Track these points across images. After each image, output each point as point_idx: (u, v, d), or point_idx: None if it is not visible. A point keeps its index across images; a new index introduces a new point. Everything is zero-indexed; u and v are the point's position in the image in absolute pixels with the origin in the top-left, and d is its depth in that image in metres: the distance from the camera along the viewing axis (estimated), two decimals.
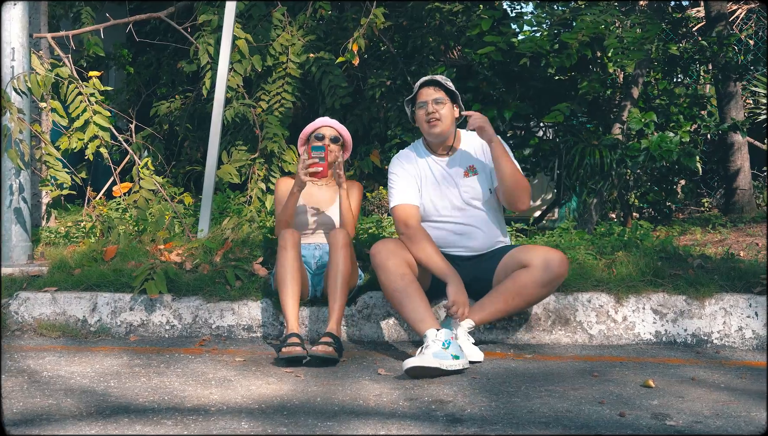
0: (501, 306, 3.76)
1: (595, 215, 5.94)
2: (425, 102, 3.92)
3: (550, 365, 3.65)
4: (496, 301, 3.75)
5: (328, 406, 2.95)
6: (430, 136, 3.97)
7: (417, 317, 3.61)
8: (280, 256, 3.85)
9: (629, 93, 6.02)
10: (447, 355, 3.41)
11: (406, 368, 3.35)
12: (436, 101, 3.91)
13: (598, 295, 4.14)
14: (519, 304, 3.77)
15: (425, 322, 3.57)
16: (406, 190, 3.97)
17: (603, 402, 3.02)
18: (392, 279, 3.69)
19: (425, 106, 3.92)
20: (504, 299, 3.74)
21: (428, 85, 3.96)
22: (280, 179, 4.36)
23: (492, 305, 3.76)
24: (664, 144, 5.59)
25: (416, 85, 4.00)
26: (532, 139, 6.18)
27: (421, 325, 3.57)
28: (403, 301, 3.65)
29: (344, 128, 4.28)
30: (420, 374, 3.37)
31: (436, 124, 3.91)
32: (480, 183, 3.99)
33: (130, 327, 4.22)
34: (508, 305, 3.76)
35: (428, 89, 3.95)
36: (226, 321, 4.20)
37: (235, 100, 5.92)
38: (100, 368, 3.49)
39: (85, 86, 4.86)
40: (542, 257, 3.72)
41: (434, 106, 3.90)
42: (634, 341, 4.08)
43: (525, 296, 3.75)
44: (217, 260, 4.54)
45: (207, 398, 3.04)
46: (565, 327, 4.10)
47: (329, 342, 3.65)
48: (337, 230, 3.92)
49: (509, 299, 3.74)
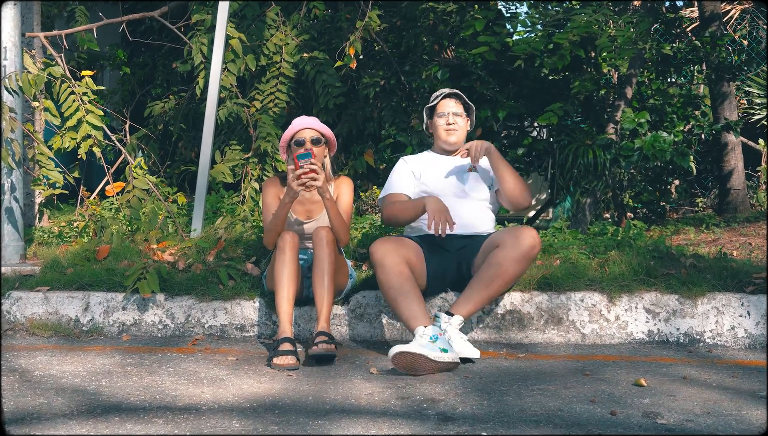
0: (484, 293, 3.79)
1: (588, 215, 5.95)
2: (446, 113, 4.18)
3: (543, 364, 3.66)
4: (477, 288, 3.79)
5: (319, 405, 2.95)
6: (446, 144, 4.21)
7: (410, 314, 3.63)
8: (278, 258, 3.82)
9: (623, 93, 6.04)
10: (434, 347, 3.43)
11: (392, 355, 3.38)
12: (455, 114, 4.19)
13: (590, 294, 4.15)
14: (500, 285, 3.79)
15: (418, 319, 3.60)
16: (397, 183, 4.18)
17: (594, 401, 3.02)
18: (389, 277, 3.72)
19: (446, 117, 4.18)
20: (484, 284, 3.78)
21: (450, 97, 4.22)
22: (267, 181, 4.21)
23: (475, 293, 3.79)
24: (658, 144, 5.59)
25: (438, 95, 4.24)
26: (526, 138, 6.18)
27: (413, 322, 3.60)
28: (398, 298, 3.68)
29: (324, 126, 4.11)
30: (407, 363, 3.38)
31: (452, 134, 4.19)
32: (481, 180, 4.19)
33: (123, 327, 4.21)
34: (489, 289, 3.79)
35: (450, 101, 4.22)
36: (218, 321, 4.19)
37: (229, 99, 5.91)
38: (92, 368, 3.48)
39: (77, 85, 4.85)
40: (512, 233, 3.82)
41: (454, 117, 4.18)
42: (626, 340, 4.08)
43: (503, 276, 3.77)
44: (210, 259, 4.53)
45: (199, 397, 3.04)
46: (558, 326, 4.11)
47: (326, 340, 3.63)
48: (320, 229, 3.89)
49: (489, 284, 3.78)
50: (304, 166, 3.76)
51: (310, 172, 3.77)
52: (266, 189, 4.17)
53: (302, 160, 3.78)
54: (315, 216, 4.14)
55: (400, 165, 4.27)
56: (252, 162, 5.76)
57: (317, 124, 4.09)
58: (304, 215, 4.15)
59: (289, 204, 3.91)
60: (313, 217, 4.14)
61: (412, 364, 3.40)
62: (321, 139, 4.06)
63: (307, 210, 4.15)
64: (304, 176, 3.77)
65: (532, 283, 4.21)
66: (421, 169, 4.21)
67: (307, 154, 3.81)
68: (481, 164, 4.19)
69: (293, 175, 3.79)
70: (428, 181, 4.16)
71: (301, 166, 3.77)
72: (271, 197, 4.13)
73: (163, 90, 8.19)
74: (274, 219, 3.96)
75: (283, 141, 4.09)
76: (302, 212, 4.14)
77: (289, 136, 4.06)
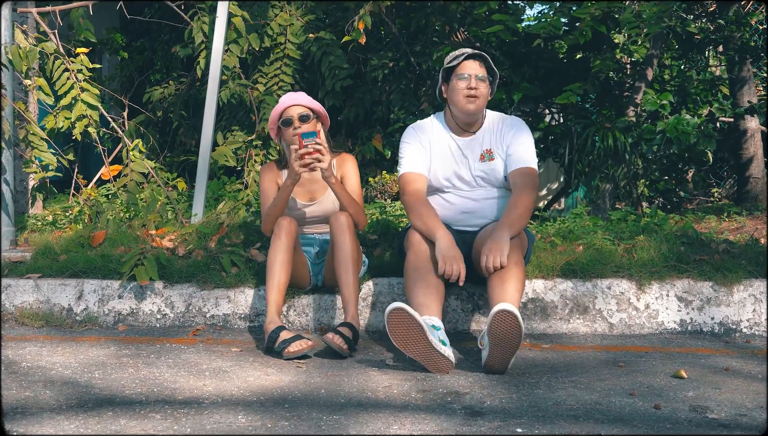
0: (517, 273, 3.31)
1: (608, 201, 5.68)
2: (468, 75, 3.62)
3: (571, 355, 3.39)
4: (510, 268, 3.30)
5: (333, 398, 2.69)
6: (463, 113, 3.66)
7: (423, 301, 3.25)
8: (273, 244, 3.55)
9: (643, 74, 5.76)
10: (435, 334, 3.08)
11: (390, 309, 2.99)
12: (479, 78, 3.63)
13: (618, 281, 3.88)
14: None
15: (429, 308, 3.23)
16: (415, 158, 3.70)
17: (634, 394, 2.76)
18: (419, 259, 3.37)
19: (467, 80, 3.61)
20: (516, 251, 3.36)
21: (474, 58, 3.67)
22: (264, 167, 3.93)
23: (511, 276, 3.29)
24: (681, 126, 5.32)
25: (458, 54, 3.67)
26: (542, 122, 5.91)
27: (423, 309, 3.21)
28: (419, 282, 3.32)
29: (313, 101, 3.80)
30: (402, 328, 2.99)
31: (472, 101, 3.62)
32: (495, 168, 3.71)
33: (119, 316, 3.94)
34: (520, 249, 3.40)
35: (473, 63, 3.65)
36: (221, 310, 3.93)
37: (231, 80, 5.64)
38: (85, 359, 3.22)
39: (72, 62, 4.58)
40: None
41: (477, 82, 3.61)
42: (657, 330, 3.82)
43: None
44: (211, 245, 4.27)
45: (200, 390, 2.77)
46: (584, 316, 3.84)
47: (347, 337, 3.31)
48: (338, 214, 3.63)
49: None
50: (308, 145, 3.49)
51: (314, 152, 3.50)
52: (263, 175, 3.89)
53: (307, 139, 3.50)
54: (318, 197, 3.87)
55: (410, 136, 3.77)
56: (255, 145, 5.48)
57: (304, 98, 3.79)
58: (306, 197, 3.88)
59: (291, 187, 3.64)
60: (316, 198, 3.87)
61: (406, 332, 3.01)
62: (309, 115, 3.74)
63: (308, 191, 3.87)
64: (308, 157, 3.50)
65: (555, 269, 3.95)
66: (431, 145, 3.74)
67: (312, 133, 3.53)
68: (502, 146, 3.72)
69: (296, 156, 3.52)
70: (437, 166, 3.72)
71: (305, 146, 3.50)
72: (268, 183, 3.85)
73: (162, 76, 7.95)
74: (274, 203, 3.69)
75: (272, 121, 3.79)
76: (304, 195, 3.87)
77: (277, 116, 3.77)
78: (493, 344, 3.00)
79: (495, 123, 3.79)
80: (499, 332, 2.98)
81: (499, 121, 3.79)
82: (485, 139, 3.75)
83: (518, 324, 2.96)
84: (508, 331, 2.97)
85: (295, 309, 3.89)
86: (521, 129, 3.76)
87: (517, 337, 2.97)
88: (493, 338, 3.00)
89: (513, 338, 2.98)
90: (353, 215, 3.67)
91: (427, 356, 3.04)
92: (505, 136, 3.74)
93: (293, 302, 3.89)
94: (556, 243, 4.34)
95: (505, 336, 2.98)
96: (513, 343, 2.99)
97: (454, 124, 3.76)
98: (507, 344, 2.99)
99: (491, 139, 3.75)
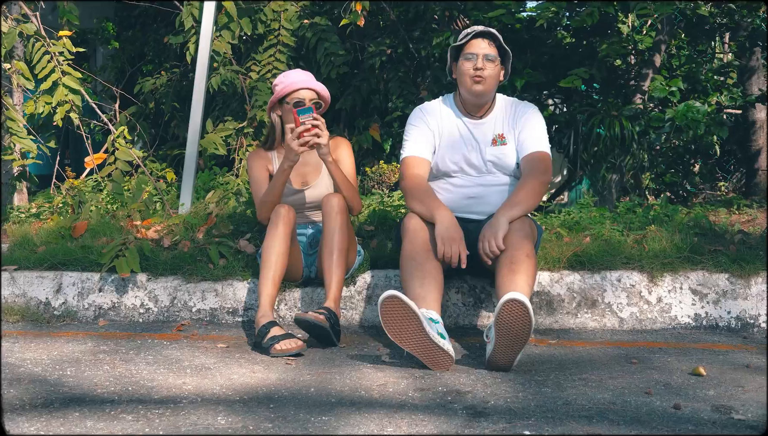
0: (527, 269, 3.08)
1: (614, 192, 5.45)
2: (475, 54, 3.40)
3: (579, 351, 3.17)
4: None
5: (323, 397, 2.47)
6: (470, 94, 3.45)
7: (420, 293, 3.02)
8: (270, 233, 3.32)
9: (651, 61, 5.54)
10: (433, 327, 2.85)
11: (384, 297, 2.78)
12: (487, 57, 3.40)
13: (628, 273, 3.66)
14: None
15: (425, 300, 3.00)
16: (420, 142, 3.47)
17: (650, 393, 2.54)
18: (415, 248, 3.14)
19: (474, 60, 3.39)
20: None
21: (483, 36, 3.44)
22: (251, 154, 3.71)
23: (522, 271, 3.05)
24: (691, 114, 5.10)
25: (467, 33, 3.45)
26: (545, 110, 5.68)
27: (419, 302, 2.98)
28: (415, 272, 3.09)
29: (320, 84, 3.60)
30: (396, 317, 2.77)
31: (480, 82, 3.40)
32: (507, 153, 3.49)
33: (99, 310, 3.72)
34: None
35: (482, 41, 3.43)
36: (208, 304, 3.71)
37: (222, 66, 5.41)
38: (58, 355, 3.00)
39: (53, 44, 4.35)
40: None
41: (484, 62, 3.39)
42: (670, 324, 3.59)
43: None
44: (199, 236, 4.05)
45: (179, 389, 2.55)
46: (592, 310, 3.62)
47: (321, 312, 3.14)
48: (330, 195, 3.41)
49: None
50: (306, 122, 3.27)
51: (312, 128, 3.28)
52: (252, 162, 3.67)
53: (303, 115, 3.28)
54: (312, 182, 3.65)
55: (417, 118, 3.55)
56: (246, 133, 5.25)
57: (316, 83, 3.59)
58: (299, 182, 3.65)
59: (289, 169, 3.41)
60: (309, 183, 3.65)
61: (401, 323, 2.78)
62: (321, 104, 3.58)
63: (300, 175, 3.64)
64: (306, 134, 3.28)
65: (561, 261, 3.73)
66: (440, 129, 3.53)
67: (308, 108, 3.31)
68: (514, 131, 3.50)
69: (293, 134, 3.30)
70: (445, 150, 3.51)
71: (302, 123, 3.27)
72: (258, 170, 3.63)
73: (154, 66, 7.72)
74: (270, 189, 3.47)
75: (276, 97, 3.56)
76: (296, 179, 3.64)
77: (284, 94, 3.54)
78: (500, 335, 2.78)
79: (507, 107, 3.58)
80: (508, 322, 2.76)
81: (512, 106, 3.58)
82: (497, 123, 3.53)
83: (528, 315, 2.73)
84: (517, 322, 2.75)
85: (285, 303, 3.67)
86: (534, 114, 3.55)
87: (527, 329, 2.75)
88: (500, 330, 2.77)
89: (522, 331, 2.76)
90: (347, 198, 3.46)
91: (424, 349, 2.82)
92: (518, 120, 3.52)
93: (284, 296, 3.67)
94: (561, 234, 4.12)
95: (514, 328, 2.75)
96: (521, 336, 2.77)
97: (464, 107, 3.54)
98: (515, 336, 2.77)
99: (503, 123, 3.54)
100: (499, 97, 3.60)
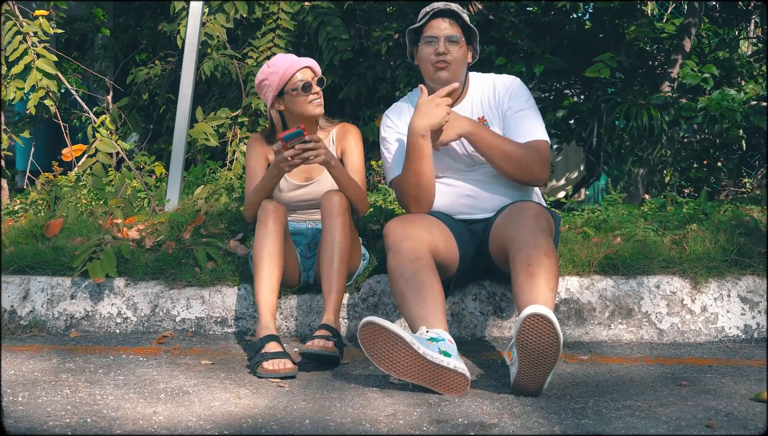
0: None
1: (641, 188, 5.02)
2: (435, 37, 2.97)
3: (617, 369, 2.75)
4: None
5: (320, 431, 2.05)
6: (434, 82, 3.01)
7: (419, 313, 2.58)
8: (259, 233, 2.92)
9: (680, 45, 5.10)
10: (432, 346, 2.42)
11: (361, 325, 2.40)
12: (449, 39, 2.97)
13: (668, 279, 3.24)
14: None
15: (426, 318, 2.56)
16: (399, 158, 3.04)
17: (713, 425, 2.12)
18: (401, 263, 2.69)
19: (434, 43, 2.97)
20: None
21: (443, 15, 3.00)
22: (252, 139, 3.31)
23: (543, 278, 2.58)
24: (726, 102, 4.66)
25: (424, 13, 3.02)
26: (566, 99, 5.25)
27: (419, 322, 2.56)
28: (406, 291, 2.64)
29: (314, 61, 3.21)
30: (379, 344, 2.38)
31: (444, 68, 2.97)
32: (493, 133, 3.03)
33: (71, 320, 3.31)
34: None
35: (441, 21, 2.99)
36: (193, 312, 3.29)
37: (215, 51, 4.99)
38: (14, 375, 2.58)
39: (26, 24, 3.94)
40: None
41: (446, 45, 2.96)
42: (716, 337, 3.17)
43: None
44: (186, 236, 3.63)
45: (148, 421, 2.13)
46: (627, 320, 3.19)
47: (326, 335, 2.74)
48: (330, 193, 3.01)
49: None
50: (291, 145, 2.89)
51: (303, 152, 2.89)
52: (250, 148, 3.27)
53: (291, 141, 2.88)
54: (315, 176, 3.24)
55: (386, 129, 3.15)
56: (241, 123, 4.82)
57: (306, 59, 3.19)
58: (302, 177, 3.25)
59: (278, 178, 3.05)
60: (313, 177, 3.24)
61: (387, 350, 2.38)
62: (323, 78, 3.18)
63: (304, 170, 3.23)
64: (297, 158, 2.91)
65: (592, 264, 3.30)
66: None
67: (297, 132, 2.88)
68: (496, 110, 3.07)
69: (281, 158, 2.91)
70: None
71: (291, 147, 2.89)
72: (256, 159, 3.24)
73: (148, 56, 7.33)
74: (257, 190, 3.09)
75: (275, 91, 3.13)
76: (298, 174, 3.24)
77: (284, 83, 3.12)
78: (524, 358, 2.36)
79: (485, 86, 3.14)
80: (531, 342, 2.33)
81: (490, 84, 3.14)
82: (475, 107, 3.10)
83: (554, 332, 2.31)
84: (542, 341, 2.32)
85: (281, 312, 3.26)
86: (520, 92, 3.11)
87: (554, 349, 2.33)
88: (523, 351, 2.35)
89: (548, 351, 2.33)
90: (352, 199, 3.05)
91: (427, 374, 2.40)
92: (502, 100, 3.09)
93: (279, 303, 3.26)
94: (589, 234, 3.70)
95: (538, 348, 2.33)
96: (548, 356, 2.34)
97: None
98: (540, 357, 2.34)
99: (483, 105, 3.11)
100: (473, 76, 3.17)
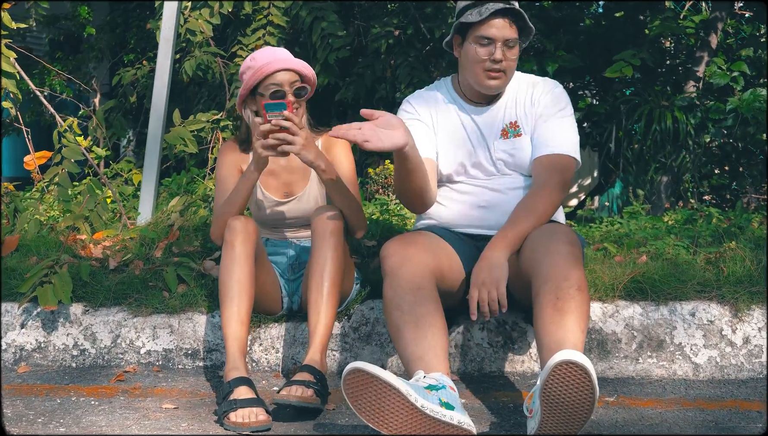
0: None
1: (664, 197, 4.61)
2: (492, 40, 2.56)
3: (650, 414, 2.34)
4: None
5: None
6: (481, 88, 2.65)
7: (416, 352, 2.19)
8: (225, 257, 2.52)
9: (706, 42, 4.70)
10: (431, 396, 2.01)
11: (346, 372, 2.00)
12: (507, 44, 2.57)
13: (705, 305, 2.82)
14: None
15: (423, 360, 2.17)
16: (417, 141, 2.55)
17: None
18: (399, 293, 2.30)
19: (491, 47, 2.57)
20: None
21: (504, 15, 2.58)
22: (223, 146, 2.88)
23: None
24: (758, 103, 4.25)
25: (486, 9, 2.55)
26: (582, 101, 4.85)
27: (416, 364, 2.17)
28: (403, 326, 2.24)
29: (302, 63, 2.74)
30: (367, 397, 1.98)
31: (497, 77, 2.60)
32: (523, 147, 2.68)
33: (21, 352, 2.90)
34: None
35: (503, 21, 2.57)
36: (160, 344, 2.88)
37: (198, 48, 4.61)
38: None
39: None
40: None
41: (505, 51, 2.57)
42: (761, 373, 2.75)
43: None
44: (157, 254, 3.23)
45: None
46: (658, 353, 2.77)
47: (307, 381, 2.33)
48: (323, 209, 2.61)
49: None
50: (272, 121, 2.45)
51: (281, 131, 2.46)
52: (222, 157, 2.84)
53: (272, 111, 2.46)
54: (297, 192, 2.82)
55: (407, 112, 2.74)
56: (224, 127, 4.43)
57: (293, 60, 2.72)
58: (281, 193, 2.82)
59: (255, 175, 2.61)
60: (294, 193, 2.82)
61: (378, 403, 1.98)
62: (307, 88, 2.73)
63: (283, 184, 2.82)
64: (272, 137, 2.46)
65: (617, 288, 2.89)
66: (436, 123, 2.72)
67: (279, 104, 2.48)
68: (531, 117, 2.69)
69: (259, 133, 2.48)
70: (445, 151, 2.70)
71: (269, 121, 2.46)
72: (227, 168, 2.80)
73: (136, 56, 6.99)
74: (231, 198, 2.66)
75: (245, 89, 2.71)
76: (277, 189, 2.82)
77: (256, 82, 2.69)
78: (549, 411, 1.94)
79: (523, 87, 2.74)
80: (560, 394, 1.92)
81: (530, 86, 2.74)
82: (509, 109, 2.71)
83: (590, 385, 1.90)
84: (574, 395, 1.91)
85: (260, 343, 2.85)
86: (559, 98, 2.71)
87: (587, 405, 1.92)
88: (548, 403, 1.94)
89: (580, 407, 1.92)
90: (348, 215, 2.64)
91: (425, 431, 1.98)
92: (538, 102, 2.70)
93: (258, 333, 2.86)
94: (611, 251, 3.28)
95: (568, 402, 1.92)
96: (579, 412, 1.93)
97: (464, 93, 2.74)
98: (570, 413, 1.93)
99: (517, 108, 2.71)
100: (515, 74, 2.76)
